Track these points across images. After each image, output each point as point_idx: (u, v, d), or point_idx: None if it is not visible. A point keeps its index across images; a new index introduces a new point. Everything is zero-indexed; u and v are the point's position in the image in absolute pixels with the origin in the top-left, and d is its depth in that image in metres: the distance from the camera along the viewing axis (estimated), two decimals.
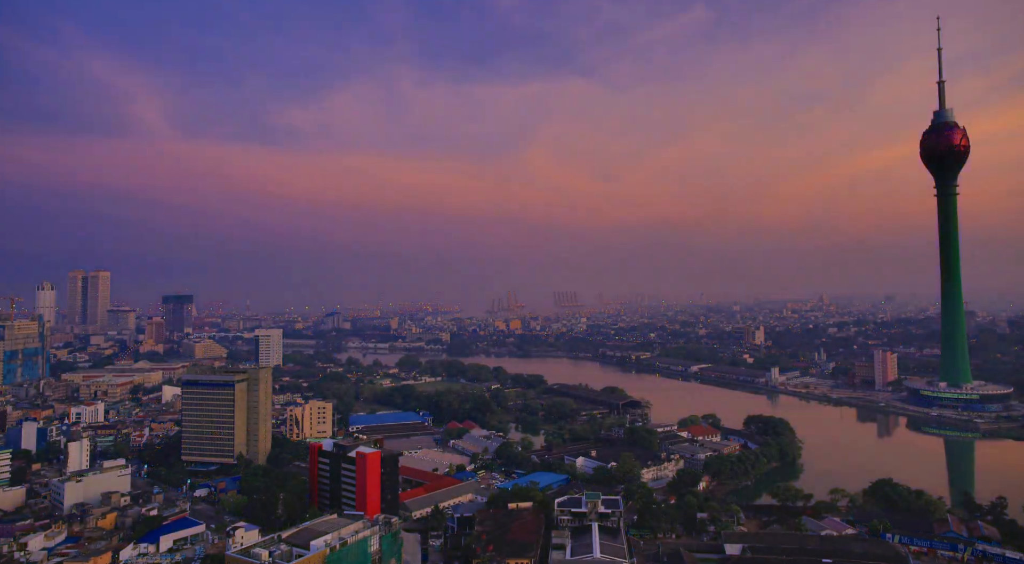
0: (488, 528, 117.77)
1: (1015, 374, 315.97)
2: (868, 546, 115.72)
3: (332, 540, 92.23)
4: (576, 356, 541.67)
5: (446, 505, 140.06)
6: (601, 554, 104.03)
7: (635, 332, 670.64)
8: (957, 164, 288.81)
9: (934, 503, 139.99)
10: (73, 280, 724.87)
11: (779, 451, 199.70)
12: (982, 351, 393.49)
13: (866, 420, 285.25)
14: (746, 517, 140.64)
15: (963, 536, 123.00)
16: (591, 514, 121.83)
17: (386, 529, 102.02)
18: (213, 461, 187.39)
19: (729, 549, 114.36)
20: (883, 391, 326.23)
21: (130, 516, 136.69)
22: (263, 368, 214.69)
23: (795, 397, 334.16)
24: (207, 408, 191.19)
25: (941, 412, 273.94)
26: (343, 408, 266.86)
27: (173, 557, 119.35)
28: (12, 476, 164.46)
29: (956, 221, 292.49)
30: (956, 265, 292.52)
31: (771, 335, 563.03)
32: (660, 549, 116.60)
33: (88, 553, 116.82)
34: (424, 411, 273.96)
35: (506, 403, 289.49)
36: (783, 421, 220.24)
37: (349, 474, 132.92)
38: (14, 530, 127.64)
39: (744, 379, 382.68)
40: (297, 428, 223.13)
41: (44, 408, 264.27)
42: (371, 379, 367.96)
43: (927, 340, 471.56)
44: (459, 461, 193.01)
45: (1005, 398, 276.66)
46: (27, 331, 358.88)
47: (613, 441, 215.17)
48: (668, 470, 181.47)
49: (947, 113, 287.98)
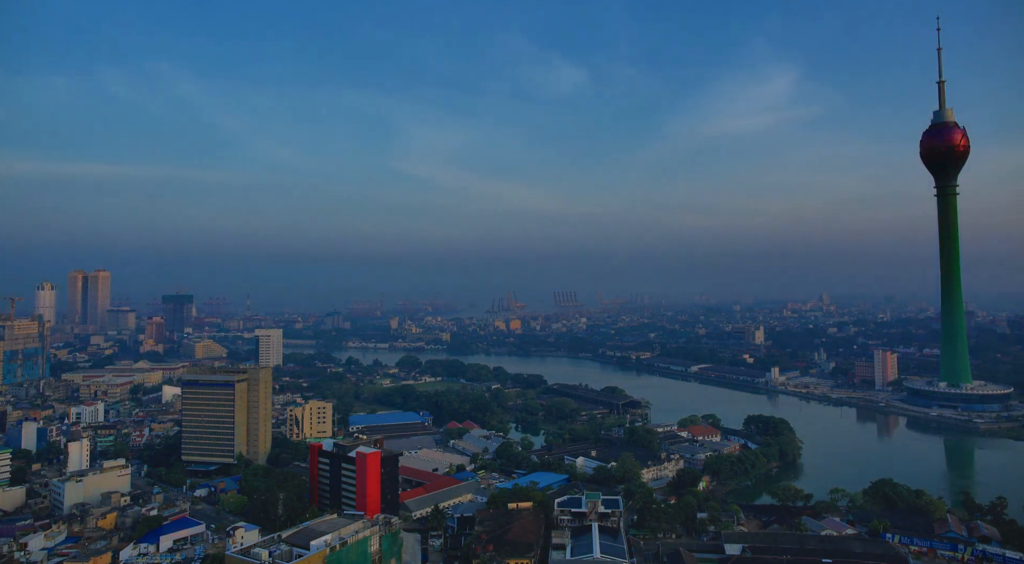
0: (488, 528, 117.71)
1: (1015, 374, 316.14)
2: (868, 546, 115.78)
3: (332, 540, 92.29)
4: (576, 356, 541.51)
5: (446, 505, 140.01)
6: (601, 554, 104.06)
7: (635, 332, 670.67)
8: (957, 164, 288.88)
9: (934, 503, 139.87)
10: (73, 280, 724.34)
11: (779, 451, 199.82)
12: (982, 351, 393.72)
13: (866, 420, 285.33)
14: (746, 517, 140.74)
15: (963, 536, 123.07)
16: (591, 514, 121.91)
17: (386, 529, 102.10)
18: (213, 461, 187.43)
19: (729, 549, 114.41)
20: (883, 391, 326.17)
21: (130, 516, 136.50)
22: (263, 368, 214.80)
23: (795, 397, 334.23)
24: (207, 408, 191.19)
25: (941, 412, 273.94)
26: (343, 408, 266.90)
27: (173, 557, 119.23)
28: (12, 476, 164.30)
29: (956, 221, 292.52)
30: (956, 265, 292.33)
31: (771, 335, 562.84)
32: (660, 549, 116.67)
33: (88, 553, 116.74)
34: (424, 411, 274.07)
35: (506, 403, 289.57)
36: (783, 421, 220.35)
37: (349, 474, 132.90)
38: (14, 530, 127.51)
39: (744, 379, 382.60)
40: (297, 428, 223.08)
41: (44, 408, 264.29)
42: (371, 379, 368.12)
43: (927, 340, 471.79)
44: (459, 461, 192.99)
45: (1005, 398, 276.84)
46: (27, 331, 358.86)
47: (613, 441, 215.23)
48: (668, 470, 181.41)
49: (947, 113, 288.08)
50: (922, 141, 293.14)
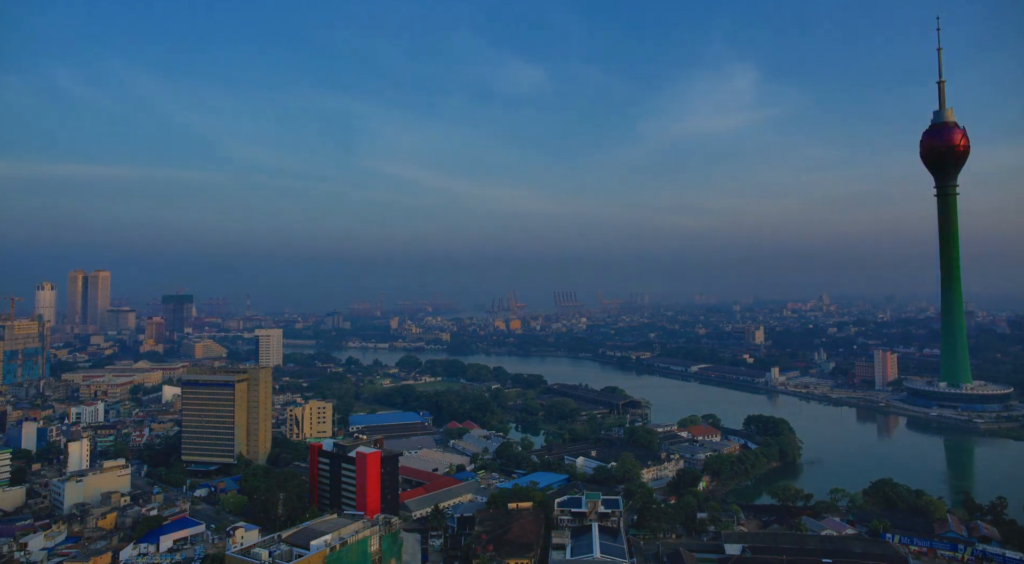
0: (488, 528, 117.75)
1: (1015, 374, 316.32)
2: (868, 546, 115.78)
3: (332, 540, 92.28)
4: (576, 356, 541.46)
5: (446, 505, 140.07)
6: (601, 554, 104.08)
7: (635, 332, 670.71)
8: (957, 164, 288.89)
9: (934, 503, 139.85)
10: (73, 280, 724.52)
11: (779, 451, 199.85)
12: (982, 351, 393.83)
13: (866, 420, 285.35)
14: (746, 517, 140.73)
15: (963, 536, 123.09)
16: (591, 514, 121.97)
17: (386, 529, 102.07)
18: (213, 461, 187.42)
19: (729, 549, 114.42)
20: (883, 391, 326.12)
21: (130, 516, 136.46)
22: (263, 368, 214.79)
23: (795, 397, 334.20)
24: (207, 408, 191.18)
25: (941, 412, 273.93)
26: (343, 408, 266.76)
27: (173, 557, 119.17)
28: (12, 476, 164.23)
29: (956, 221, 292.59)
30: (956, 265, 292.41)
31: (771, 335, 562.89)
32: (660, 549, 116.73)
33: (88, 553, 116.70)
34: (424, 411, 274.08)
35: (506, 403, 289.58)
36: (783, 421, 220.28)
37: (349, 474, 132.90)
38: (14, 530, 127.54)
39: (744, 379, 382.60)
40: (297, 428, 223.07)
41: (44, 408, 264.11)
42: (371, 379, 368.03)
43: (927, 340, 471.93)
44: (459, 461, 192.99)
45: (1005, 398, 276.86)
46: (27, 331, 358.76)
47: (613, 441, 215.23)
48: (668, 470, 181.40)
49: (947, 113, 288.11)
50: (922, 141, 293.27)
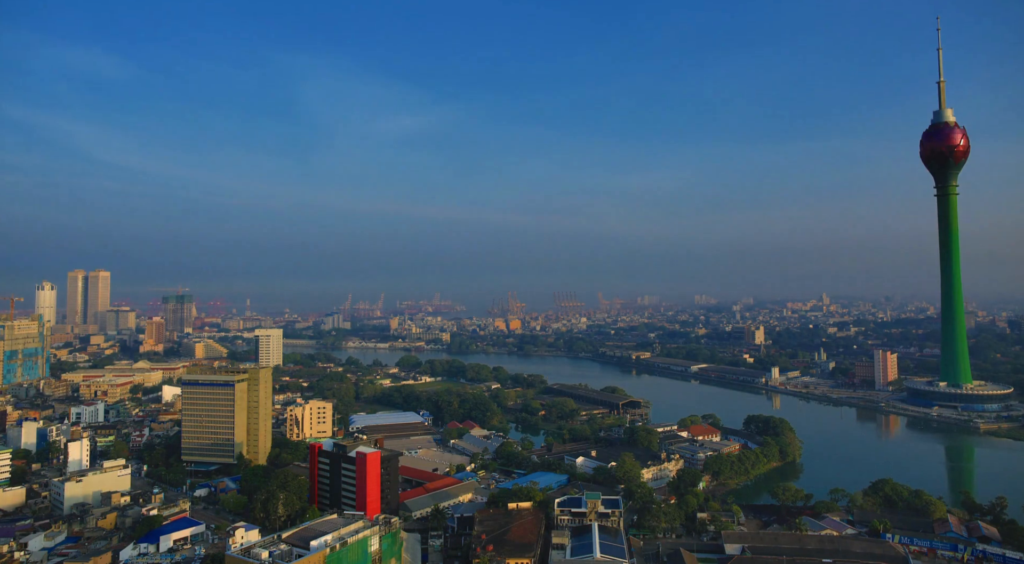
0: (488, 528, 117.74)
1: (1015, 374, 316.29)
2: (868, 546, 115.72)
3: (332, 540, 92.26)
4: (576, 356, 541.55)
5: (446, 505, 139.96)
6: (601, 554, 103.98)
7: (635, 332, 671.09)
8: (957, 164, 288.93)
9: (934, 503, 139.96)
10: (73, 280, 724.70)
11: (779, 451, 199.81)
12: (982, 351, 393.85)
13: (866, 420, 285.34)
14: (746, 517, 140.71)
15: (963, 536, 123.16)
16: (591, 514, 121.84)
17: (386, 529, 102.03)
18: (213, 461, 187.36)
19: (729, 549, 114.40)
20: (883, 391, 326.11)
21: (130, 516, 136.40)
22: (263, 368, 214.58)
23: (795, 397, 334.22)
24: (207, 408, 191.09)
25: (941, 412, 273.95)
26: (343, 408, 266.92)
27: (173, 557, 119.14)
28: (12, 476, 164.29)
29: (956, 221, 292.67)
30: (956, 265, 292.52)
31: (771, 335, 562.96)
32: (660, 549, 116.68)
33: (88, 553, 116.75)
34: (424, 411, 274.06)
35: (506, 403, 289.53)
36: (783, 421, 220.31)
37: (349, 474, 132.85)
38: (14, 530, 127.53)
39: (744, 379, 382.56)
40: (297, 428, 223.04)
41: (44, 408, 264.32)
42: (371, 379, 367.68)
43: (927, 340, 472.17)
44: (459, 461, 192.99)
45: (1005, 398, 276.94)
46: (27, 331, 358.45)
47: (613, 441, 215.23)
48: (668, 470, 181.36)
49: (947, 113, 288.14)
50: (922, 141, 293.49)
